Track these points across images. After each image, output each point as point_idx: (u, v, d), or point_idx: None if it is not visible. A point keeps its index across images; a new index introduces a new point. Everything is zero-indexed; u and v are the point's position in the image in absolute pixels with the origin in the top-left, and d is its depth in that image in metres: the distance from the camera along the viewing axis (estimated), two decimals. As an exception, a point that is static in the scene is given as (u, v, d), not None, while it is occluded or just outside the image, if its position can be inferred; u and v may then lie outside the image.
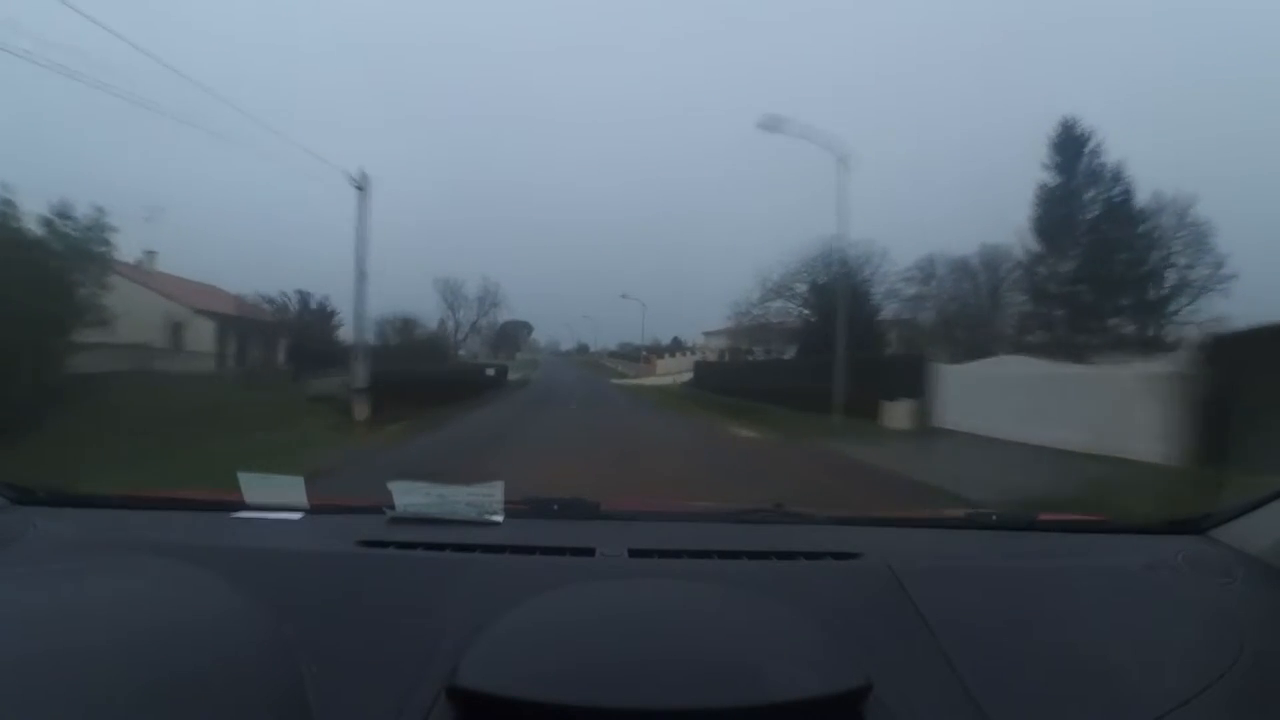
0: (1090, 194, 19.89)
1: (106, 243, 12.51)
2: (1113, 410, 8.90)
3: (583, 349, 78.59)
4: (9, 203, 10.47)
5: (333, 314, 26.10)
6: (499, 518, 1.20)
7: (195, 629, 0.75)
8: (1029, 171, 20.66)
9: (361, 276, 14.24)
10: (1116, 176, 19.62)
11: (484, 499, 1.21)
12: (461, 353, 51.55)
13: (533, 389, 31.02)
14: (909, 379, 13.80)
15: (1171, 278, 19.62)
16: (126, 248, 15.28)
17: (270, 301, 25.77)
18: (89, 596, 0.81)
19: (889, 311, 24.42)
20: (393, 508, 1.19)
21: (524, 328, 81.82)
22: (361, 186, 14.11)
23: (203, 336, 19.58)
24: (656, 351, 50.50)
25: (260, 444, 9.17)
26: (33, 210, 10.91)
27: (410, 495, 1.20)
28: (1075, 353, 15.69)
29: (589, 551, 1.08)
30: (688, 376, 34.52)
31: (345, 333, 22.24)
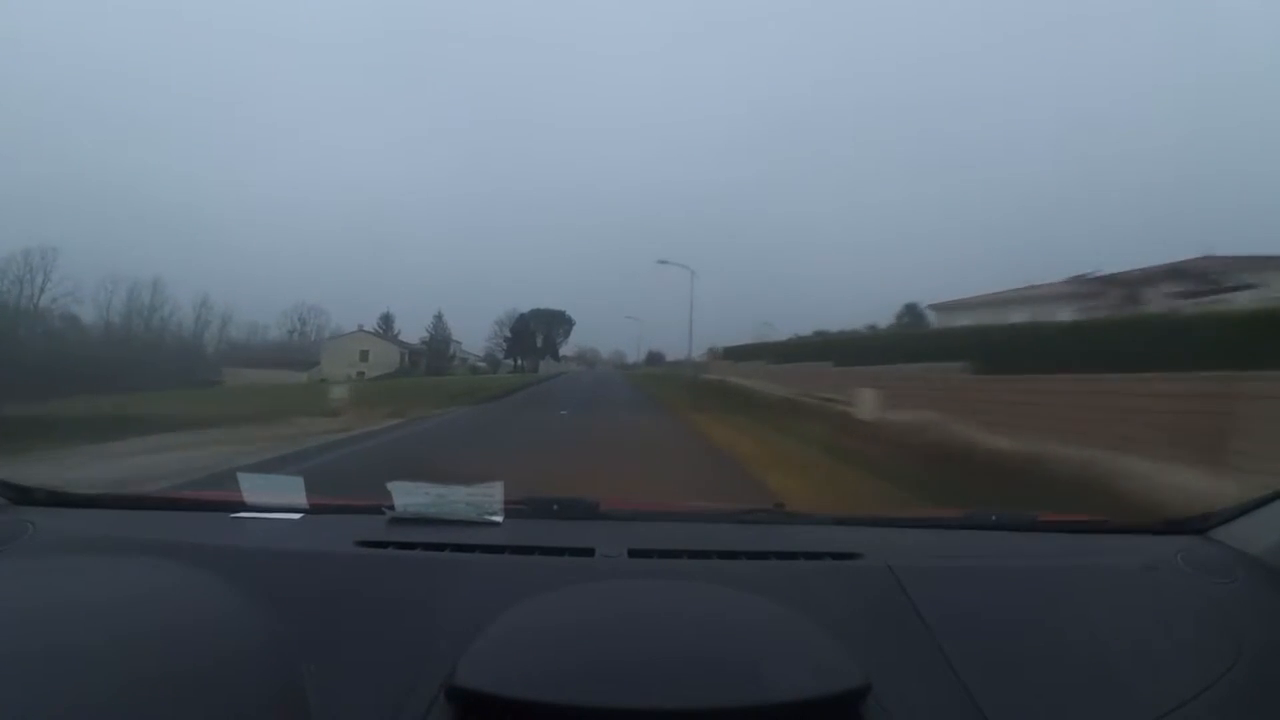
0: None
1: None
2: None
3: (655, 359, 59.32)
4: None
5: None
6: (498, 518, 1.19)
7: (194, 629, 0.75)
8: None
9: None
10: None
11: (483, 499, 1.21)
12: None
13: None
14: None
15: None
16: None
17: None
18: (88, 596, 0.81)
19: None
20: (392, 508, 1.19)
21: (558, 322, 64.10)
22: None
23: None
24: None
25: None
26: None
27: (410, 495, 1.20)
28: None
29: (588, 551, 1.07)
30: None
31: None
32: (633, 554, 1.08)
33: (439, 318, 59.96)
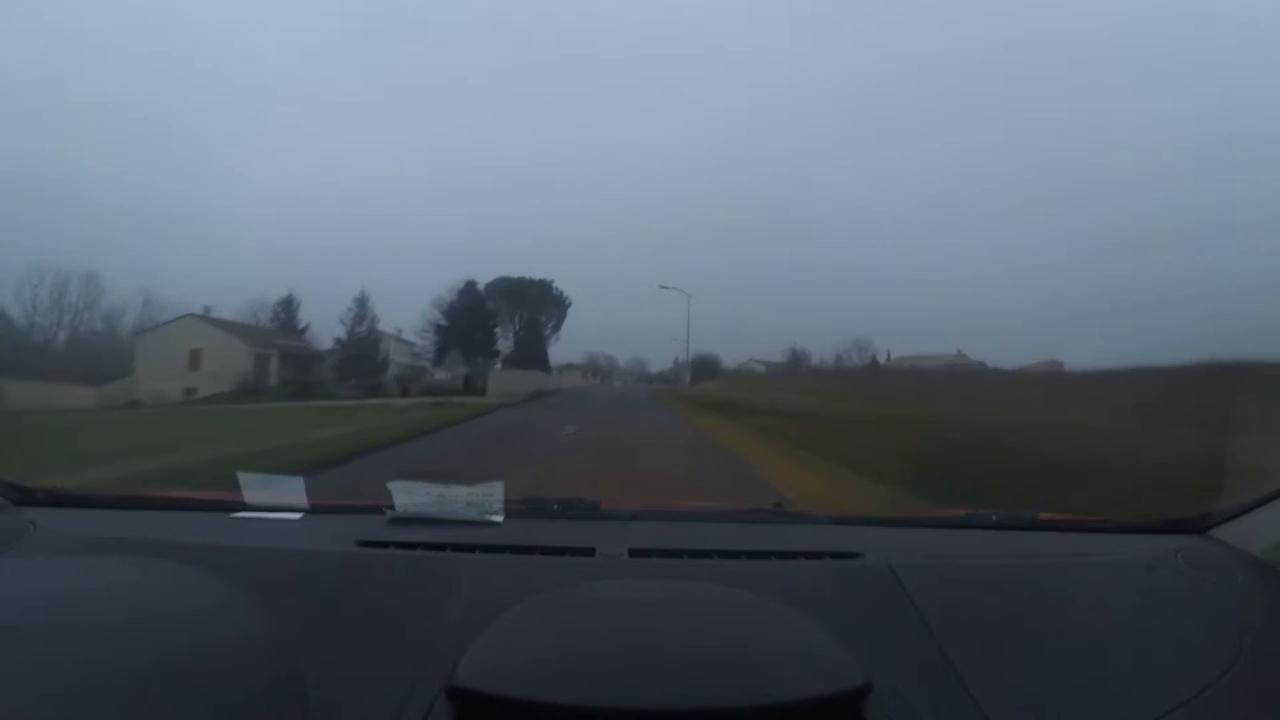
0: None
1: None
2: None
3: (707, 364, 41.70)
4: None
5: None
6: (499, 517, 1.20)
7: (195, 628, 0.75)
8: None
9: None
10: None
11: (484, 499, 1.21)
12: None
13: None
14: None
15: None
16: None
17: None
18: (89, 596, 0.81)
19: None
20: (392, 508, 1.19)
21: (540, 300, 42.02)
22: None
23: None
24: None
25: None
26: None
27: (410, 495, 1.20)
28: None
29: (589, 551, 1.08)
30: None
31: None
32: (633, 554, 1.08)
33: (362, 302, 36.88)
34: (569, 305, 44.06)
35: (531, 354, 41.41)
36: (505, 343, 42.66)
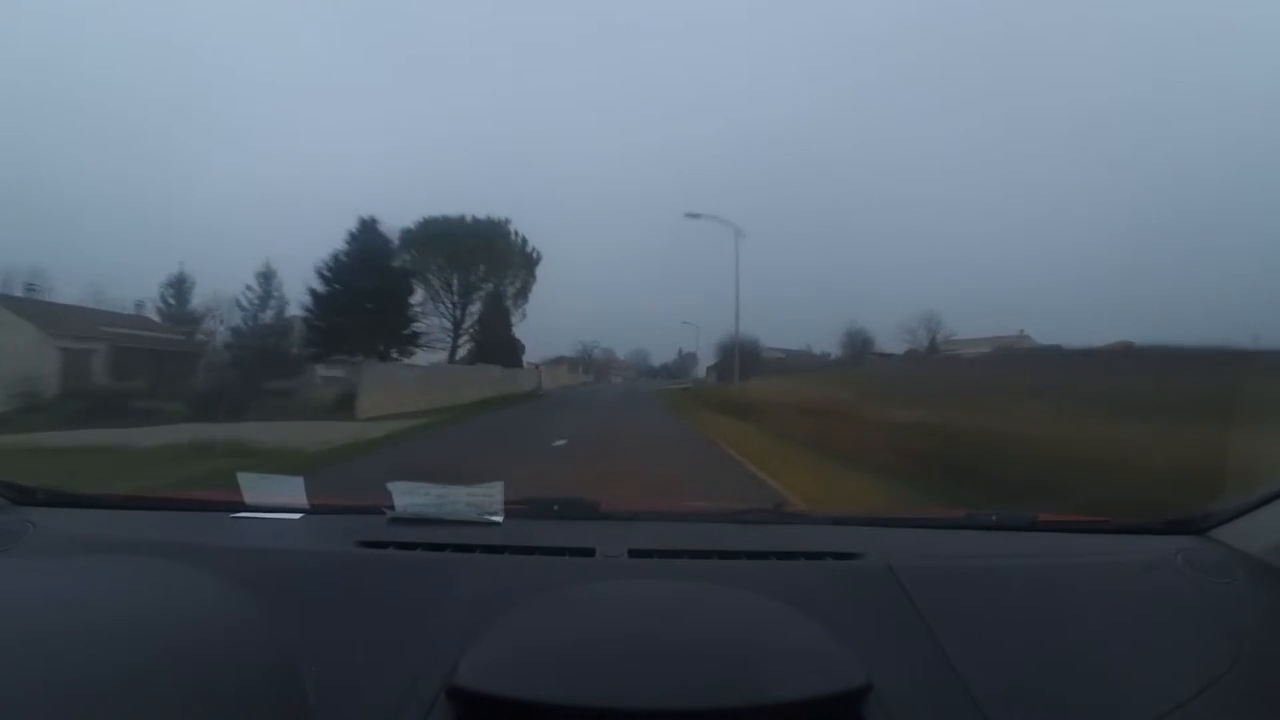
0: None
1: None
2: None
3: (743, 353, 27.28)
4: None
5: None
6: (499, 518, 1.20)
7: (194, 629, 0.75)
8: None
9: None
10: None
11: (484, 499, 1.21)
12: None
13: None
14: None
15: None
16: None
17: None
18: (87, 596, 0.81)
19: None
20: (392, 508, 1.19)
21: (488, 246, 27.61)
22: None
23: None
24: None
25: None
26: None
27: (410, 495, 1.20)
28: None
29: (589, 552, 1.08)
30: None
31: None
32: (633, 554, 1.08)
33: (266, 279, 25.64)
34: (538, 261, 29.29)
35: (489, 339, 27.35)
36: (439, 321, 28.21)
